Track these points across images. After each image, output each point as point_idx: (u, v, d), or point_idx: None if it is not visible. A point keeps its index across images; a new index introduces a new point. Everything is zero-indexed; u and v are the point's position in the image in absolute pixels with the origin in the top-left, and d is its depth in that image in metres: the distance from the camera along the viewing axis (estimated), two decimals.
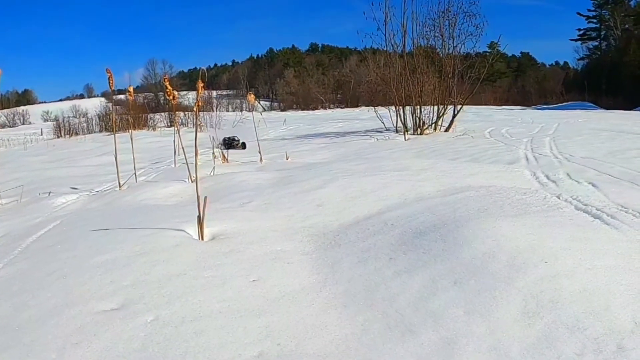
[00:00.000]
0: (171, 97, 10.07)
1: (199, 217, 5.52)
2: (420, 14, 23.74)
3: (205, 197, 5.57)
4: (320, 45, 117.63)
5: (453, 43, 20.49)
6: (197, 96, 5.90)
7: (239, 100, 73.63)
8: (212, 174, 9.90)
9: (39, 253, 5.84)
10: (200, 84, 5.61)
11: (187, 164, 9.14)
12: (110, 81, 9.15)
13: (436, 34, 20.95)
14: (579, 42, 79.82)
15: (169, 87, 9.82)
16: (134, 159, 9.74)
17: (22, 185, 10.43)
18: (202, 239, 5.53)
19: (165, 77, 10.22)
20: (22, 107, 74.05)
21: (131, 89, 10.28)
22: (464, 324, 3.37)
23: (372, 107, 23.95)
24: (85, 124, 36.28)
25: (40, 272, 5.13)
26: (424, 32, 21.03)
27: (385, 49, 21.23)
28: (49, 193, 9.86)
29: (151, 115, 37.20)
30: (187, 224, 5.85)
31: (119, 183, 9.35)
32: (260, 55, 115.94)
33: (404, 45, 20.53)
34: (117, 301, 4.14)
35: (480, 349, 3.10)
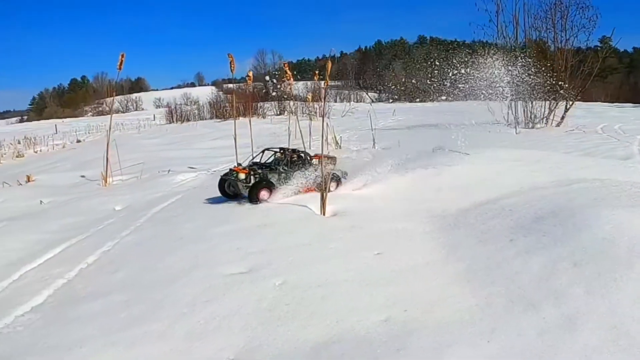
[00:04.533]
0: (290, 81, 10.43)
1: (322, 193, 5.75)
2: (531, 6, 23.18)
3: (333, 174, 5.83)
4: (428, 37, 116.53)
5: (565, 36, 19.93)
6: (327, 79, 6.20)
7: (347, 92, 74.22)
8: None
9: (163, 222, 6.31)
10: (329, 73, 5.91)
11: (304, 147, 9.47)
12: (232, 66, 9.57)
13: (548, 27, 20.44)
14: None
15: (288, 72, 10.19)
16: (252, 141, 10.11)
17: (142, 163, 11.11)
18: (324, 214, 5.76)
19: (285, 64, 10.61)
20: (135, 94, 78.54)
21: (250, 74, 10.71)
22: (584, 302, 3.45)
23: (480, 100, 23.47)
24: (196, 111, 37.68)
25: (165, 239, 5.57)
26: (535, 24, 20.58)
27: (496, 41, 20.91)
28: (168, 171, 10.51)
29: (261, 103, 38.23)
30: (308, 201, 6.15)
31: (237, 163, 9.76)
32: (368, 47, 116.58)
33: (516, 37, 20.20)
34: (245, 266, 4.48)
35: (600, 327, 3.18)
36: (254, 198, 6.59)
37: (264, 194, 6.66)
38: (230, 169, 7.09)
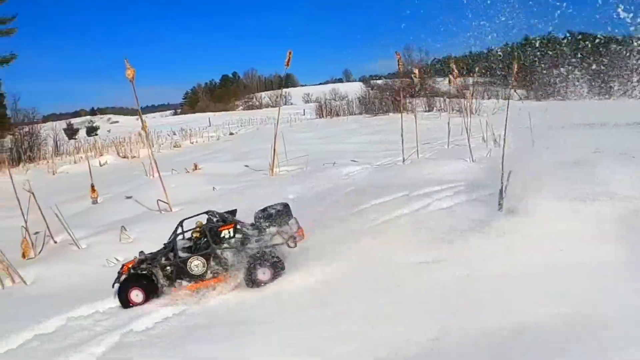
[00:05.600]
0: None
1: (500, 190, 5.76)
2: None
3: (509, 172, 5.82)
4: (577, 32, 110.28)
5: None
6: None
7: (495, 88, 72.42)
8: (488, 156, 10.04)
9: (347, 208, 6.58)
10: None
11: (469, 145, 9.48)
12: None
13: None
14: None
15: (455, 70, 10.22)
16: (417, 137, 10.27)
17: (306, 155, 11.52)
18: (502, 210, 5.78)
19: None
20: (285, 89, 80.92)
21: (417, 71, 10.84)
22: None
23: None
24: (345, 106, 38.27)
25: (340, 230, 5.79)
26: None
27: None
28: (334, 163, 10.81)
29: (410, 99, 38.19)
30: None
31: (403, 158, 9.92)
32: (515, 43, 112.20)
33: None
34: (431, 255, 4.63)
35: None
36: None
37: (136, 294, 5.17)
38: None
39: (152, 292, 5.17)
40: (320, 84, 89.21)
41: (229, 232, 5.27)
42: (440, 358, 3.26)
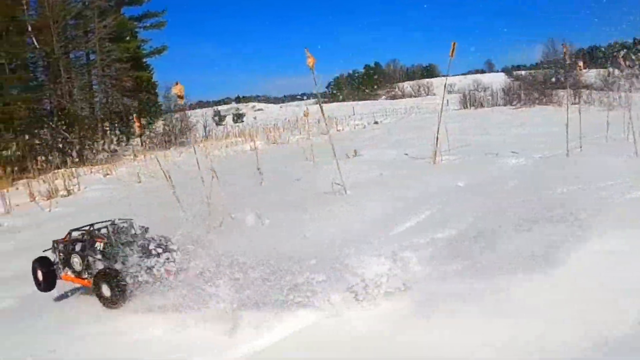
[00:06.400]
0: None
1: None
2: None
3: None
4: None
5: None
6: None
7: None
8: None
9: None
10: None
11: (634, 139, 9.53)
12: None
13: None
14: None
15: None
16: (580, 129, 10.29)
17: (467, 145, 11.92)
18: None
19: None
20: (426, 80, 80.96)
21: (581, 63, 10.88)
22: None
23: None
24: (490, 97, 37.93)
25: None
26: None
27: None
28: (496, 154, 11.10)
29: (555, 91, 37.20)
30: None
31: (567, 150, 10.04)
32: None
33: None
34: None
35: None
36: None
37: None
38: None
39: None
40: (463, 74, 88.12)
41: (100, 245, 5.36)
42: None
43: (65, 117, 22.89)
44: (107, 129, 25.75)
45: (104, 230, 5.46)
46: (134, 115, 22.34)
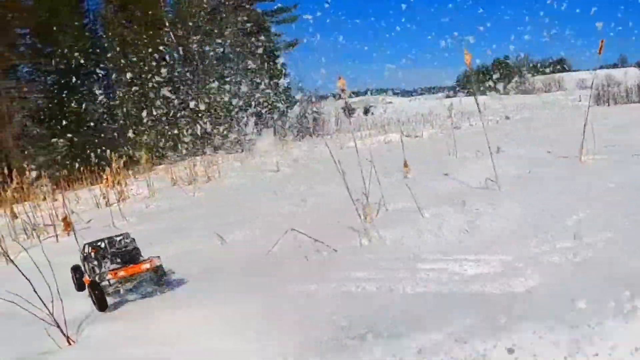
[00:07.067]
0: None
1: None
2: None
3: None
4: None
5: None
6: None
7: None
8: None
9: None
10: None
11: None
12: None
13: None
14: None
15: None
16: None
17: (612, 144, 12.01)
18: None
19: None
20: (557, 74, 78.45)
21: None
22: None
23: None
24: (624, 93, 36.95)
25: None
26: None
27: None
28: None
29: None
30: None
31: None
32: None
33: None
34: None
35: None
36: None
37: None
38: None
39: None
40: (594, 69, 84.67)
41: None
42: None
43: (207, 108, 24.51)
44: (244, 118, 26.94)
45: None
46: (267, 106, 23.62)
